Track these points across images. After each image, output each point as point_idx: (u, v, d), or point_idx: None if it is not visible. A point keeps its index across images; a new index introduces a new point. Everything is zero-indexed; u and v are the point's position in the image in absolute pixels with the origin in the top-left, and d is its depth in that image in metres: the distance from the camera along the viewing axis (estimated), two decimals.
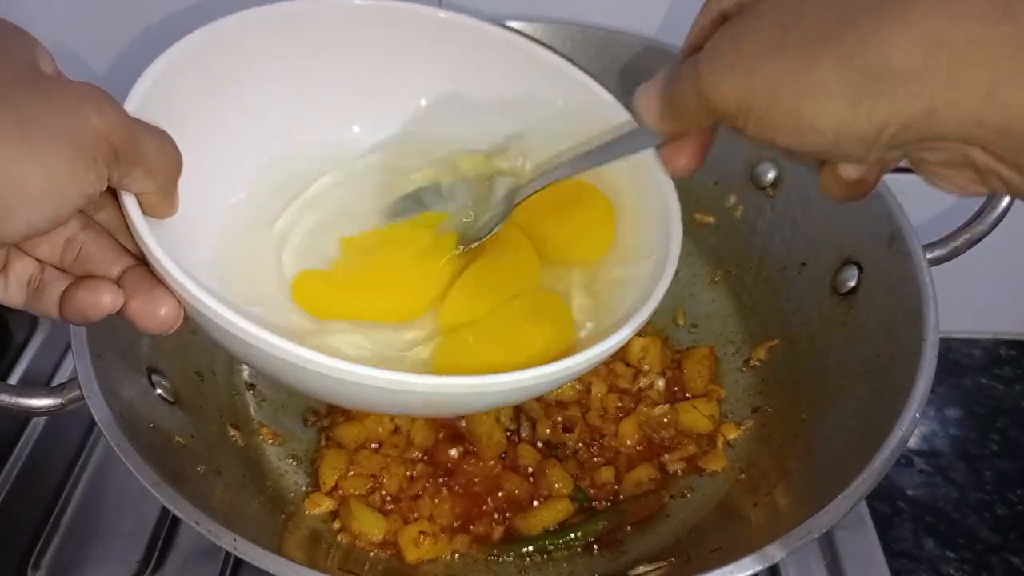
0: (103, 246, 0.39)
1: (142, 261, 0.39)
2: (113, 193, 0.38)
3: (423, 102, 0.56)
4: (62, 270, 0.39)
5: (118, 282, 0.38)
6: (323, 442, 0.62)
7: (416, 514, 0.58)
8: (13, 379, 0.74)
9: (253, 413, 0.65)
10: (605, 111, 0.50)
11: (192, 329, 0.40)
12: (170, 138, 0.38)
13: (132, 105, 0.41)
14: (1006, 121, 0.28)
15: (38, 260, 0.39)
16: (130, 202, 0.38)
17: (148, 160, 0.36)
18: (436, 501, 0.59)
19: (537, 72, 0.53)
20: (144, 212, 0.38)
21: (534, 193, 0.48)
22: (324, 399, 0.58)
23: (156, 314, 0.37)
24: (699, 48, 0.37)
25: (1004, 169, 0.30)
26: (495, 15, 0.66)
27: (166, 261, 0.37)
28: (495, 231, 0.50)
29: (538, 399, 0.64)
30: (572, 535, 0.58)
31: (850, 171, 0.35)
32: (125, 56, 0.72)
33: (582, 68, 0.52)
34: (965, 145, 0.30)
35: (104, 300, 0.37)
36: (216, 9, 0.47)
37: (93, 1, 0.69)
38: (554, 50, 0.53)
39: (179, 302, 0.38)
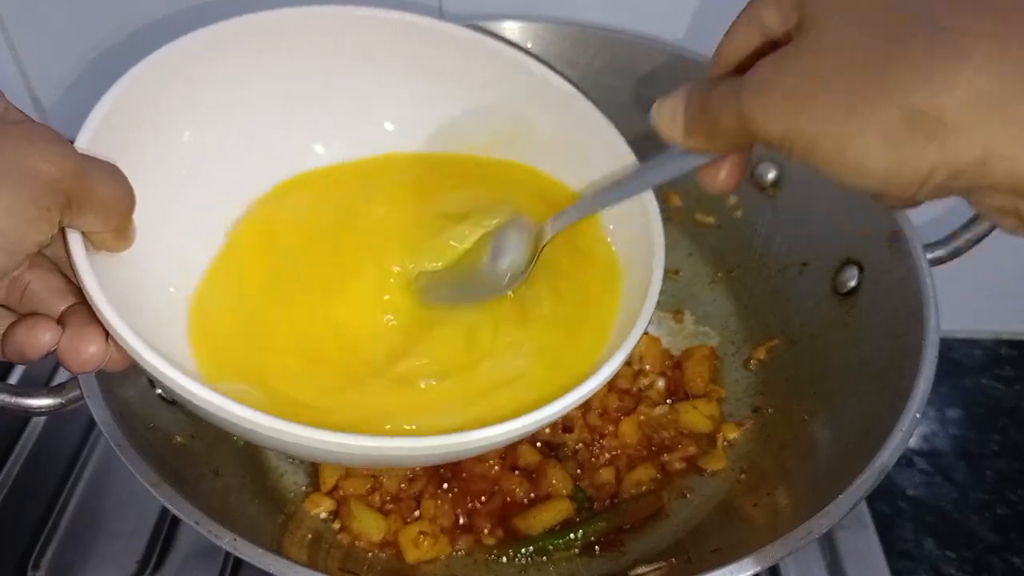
0: (49, 284, 0.38)
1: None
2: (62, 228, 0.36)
3: (389, 127, 0.55)
4: (5, 307, 0.38)
5: (59, 319, 0.37)
6: None
7: (416, 514, 0.58)
8: (13, 379, 0.74)
9: None
10: (590, 123, 0.50)
11: None
12: (121, 174, 0.37)
13: (86, 136, 0.39)
14: None
15: None
16: (75, 242, 0.36)
17: (100, 201, 0.35)
18: (436, 501, 0.59)
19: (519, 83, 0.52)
20: (96, 247, 0.37)
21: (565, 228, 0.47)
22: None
23: (79, 351, 0.36)
24: (731, 64, 0.36)
25: None
26: (494, 15, 0.66)
27: (102, 303, 0.35)
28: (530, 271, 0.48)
29: None
30: (572, 535, 0.58)
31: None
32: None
33: (564, 76, 0.51)
34: (1015, 196, 0.29)
35: (44, 339, 0.36)
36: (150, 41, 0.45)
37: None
38: (540, 59, 0.52)
39: (107, 342, 0.37)
